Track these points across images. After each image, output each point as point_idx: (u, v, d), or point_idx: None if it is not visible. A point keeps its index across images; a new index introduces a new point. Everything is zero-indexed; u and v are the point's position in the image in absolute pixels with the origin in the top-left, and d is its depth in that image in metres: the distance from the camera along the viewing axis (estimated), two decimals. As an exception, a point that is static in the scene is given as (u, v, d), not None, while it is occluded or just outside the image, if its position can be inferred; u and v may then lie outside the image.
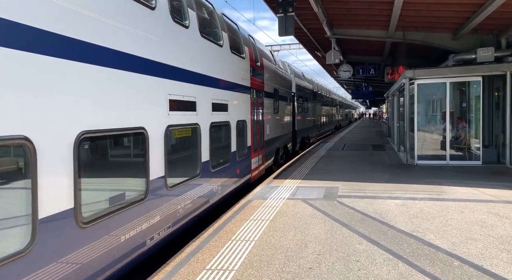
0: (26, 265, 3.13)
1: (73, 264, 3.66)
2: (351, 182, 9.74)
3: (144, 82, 5.06)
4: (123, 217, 4.48)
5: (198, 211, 6.76)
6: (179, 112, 6.05)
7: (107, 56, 4.28)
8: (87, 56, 3.96)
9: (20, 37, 3.15)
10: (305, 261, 4.74)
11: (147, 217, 5.02)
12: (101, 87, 4.18)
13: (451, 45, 13.52)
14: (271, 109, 12.93)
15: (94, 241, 3.99)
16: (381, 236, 5.59)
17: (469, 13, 11.05)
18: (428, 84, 13.10)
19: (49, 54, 3.45)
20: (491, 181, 9.56)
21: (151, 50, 5.25)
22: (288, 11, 9.94)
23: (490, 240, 5.35)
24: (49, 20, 3.46)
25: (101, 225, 4.09)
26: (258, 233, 5.85)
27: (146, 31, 5.12)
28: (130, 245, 4.62)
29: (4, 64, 3.02)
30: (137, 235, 4.78)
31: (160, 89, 5.50)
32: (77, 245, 3.75)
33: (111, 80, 4.36)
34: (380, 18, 12.81)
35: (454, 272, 4.32)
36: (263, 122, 11.72)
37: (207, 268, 4.63)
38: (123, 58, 4.57)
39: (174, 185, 5.83)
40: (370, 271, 4.43)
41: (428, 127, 14.11)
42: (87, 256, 3.88)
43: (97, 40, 4.13)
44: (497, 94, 12.94)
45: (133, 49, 4.80)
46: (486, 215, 6.55)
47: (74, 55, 3.78)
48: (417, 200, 7.64)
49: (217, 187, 7.68)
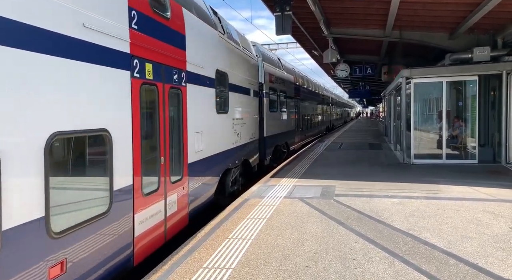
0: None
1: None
2: (348, 181, 9.77)
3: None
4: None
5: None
6: None
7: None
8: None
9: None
10: (302, 260, 4.76)
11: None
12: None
13: (448, 44, 13.57)
14: (209, 105, 7.79)
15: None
16: (377, 234, 5.61)
17: (466, 12, 11.10)
18: (424, 83, 13.15)
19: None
20: (487, 180, 9.61)
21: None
22: (286, 10, 9.94)
23: (485, 239, 5.38)
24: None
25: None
26: (255, 231, 5.87)
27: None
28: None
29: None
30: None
31: None
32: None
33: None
34: (377, 17, 12.84)
35: (450, 270, 4.35)
36: (181, 130, 6.45)
37: (204, 266, 4.64)
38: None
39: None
40: (367, 269, 4.45)
41: (425, 126, 14.17)
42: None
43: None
44: (493, 94, 13.00)
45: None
46: (481, 214, 6.59)
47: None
48: (413, 199, 7.67)
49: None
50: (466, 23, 11.43)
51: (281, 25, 10.06)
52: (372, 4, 11.64)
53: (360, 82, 35.23)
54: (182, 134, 6.48)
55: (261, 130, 12.71)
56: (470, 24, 11.43)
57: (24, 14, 3.27)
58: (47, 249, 3.46)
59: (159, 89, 5.66)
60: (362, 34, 14.83)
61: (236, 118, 9.72)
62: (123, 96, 4.73)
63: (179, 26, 6.45)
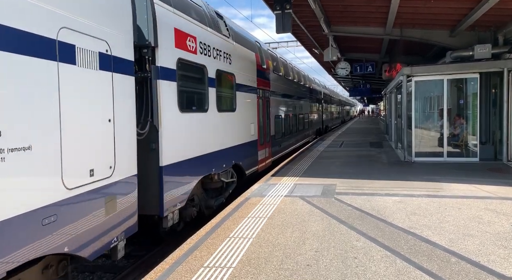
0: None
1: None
2: (348, 179, 9.75)
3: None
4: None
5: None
6: None
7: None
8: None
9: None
10: (303, 258, 4.75)
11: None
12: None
13: (449, 42, 13.53)
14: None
15: None
16: (378, 233, 5.60)
17: (467, 9, 11.06)
18: (425, 81, 13.11)
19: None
20: (488, 177, 9.59)
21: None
22: (286, 8, 9.91)
23: (487, 237, 5.37)
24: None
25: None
26: (256, 230, 5.85)
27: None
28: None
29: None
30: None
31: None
32: None
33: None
34: (377, 15, 12.80)
35: (452, 268, 4.34)
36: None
37: (205, 265, 4.63)
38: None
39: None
40: (368, 267, 4.43)
41: (426, 124, 14.13)
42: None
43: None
44: (494, 91, 12.97)
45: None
46: (483, 212, 6.57)
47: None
48: (414, 197, 7.65)
49: None
50: (467, 21, 11.39)
51: (281, 23, 10.03)
52: (372, 2, 11.60)
53: (361, 80, 35.16)
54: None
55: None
56: (471, 22, 11.39)
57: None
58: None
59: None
60: (362, 32, 14.79)
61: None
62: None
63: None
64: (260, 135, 11.35)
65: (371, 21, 13.76)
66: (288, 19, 10.01)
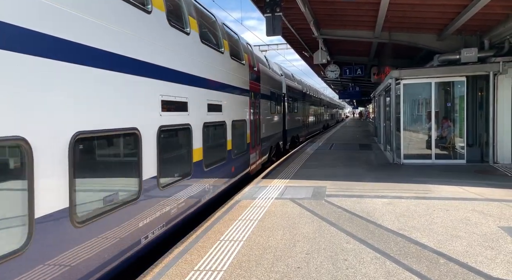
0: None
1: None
2: (338, 181, 9.80)
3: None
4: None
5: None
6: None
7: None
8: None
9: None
10: (294, 261, 4.75)
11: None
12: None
13: (436, 45, 13.73)
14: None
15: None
16: (368, 234, 5.64)
17: (453, 14, 11.24)
18: (413, 84, 13.27)
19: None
20: (475, 179, 9.73)
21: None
22: (276, 11, 9.96)
23: (474, 238, 5.44)
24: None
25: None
26: (246, 233, 5.84)
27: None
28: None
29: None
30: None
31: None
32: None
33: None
34: (366, 18, 12.93)
35: (440, 270, 4.39)
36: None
37: (195, 269, 4.61)
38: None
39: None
40: (358, 269, 4.46)
41: (414, 126, 14.31)
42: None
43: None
44: (481, 94, 13.19)
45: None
46: (470, 213, 6.66)
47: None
48: (403, 199, 7.73)
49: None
50: (454, 25, 11.58)
51: (271, 26, 10.07)
52: (361, 6, 11.72)
53: (350, 83, 35.42)
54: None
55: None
56: (457, 26, 11.58)
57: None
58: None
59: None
60: (352, 35, 14.93)
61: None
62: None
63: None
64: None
65: (360, 24, 13.90)
66: (278, 22, 10.06)
